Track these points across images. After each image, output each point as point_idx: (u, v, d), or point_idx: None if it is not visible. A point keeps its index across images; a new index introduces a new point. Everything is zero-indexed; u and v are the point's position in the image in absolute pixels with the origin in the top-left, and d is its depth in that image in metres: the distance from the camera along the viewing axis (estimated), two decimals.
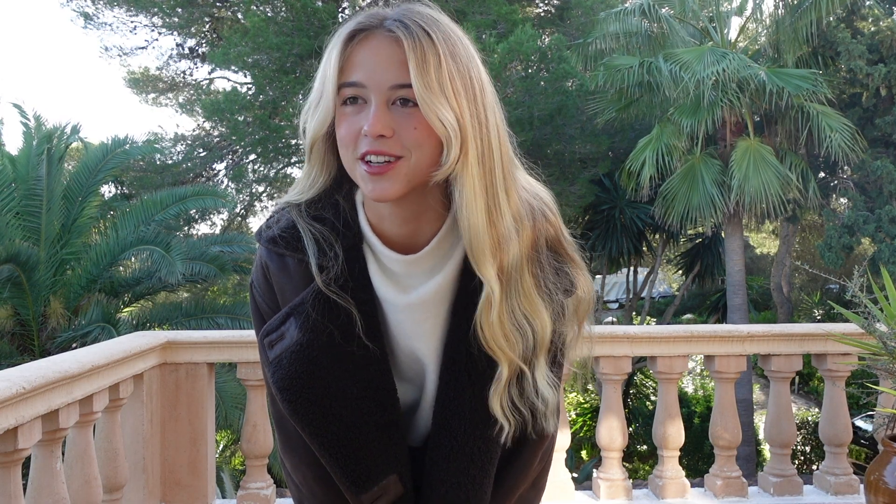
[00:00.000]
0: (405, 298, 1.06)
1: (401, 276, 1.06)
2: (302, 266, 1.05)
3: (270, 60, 13.01)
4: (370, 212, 1.05)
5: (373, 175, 0.94)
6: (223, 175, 16.21)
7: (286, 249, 1.06)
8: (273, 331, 1.06)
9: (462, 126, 0.93)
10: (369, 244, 1.06)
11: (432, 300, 1.05)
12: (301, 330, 1.03)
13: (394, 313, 1.07)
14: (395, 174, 0.94)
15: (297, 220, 1.06)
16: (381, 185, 0.95)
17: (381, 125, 0.92)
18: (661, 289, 25.66)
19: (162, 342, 3.14)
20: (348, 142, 0.96)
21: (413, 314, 1.07)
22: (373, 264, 1.06)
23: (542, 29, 14.60)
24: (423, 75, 0.91)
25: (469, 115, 0.94)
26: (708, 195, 11.89)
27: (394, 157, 0.94)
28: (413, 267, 1.05)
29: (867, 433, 11.51)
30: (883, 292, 2.86)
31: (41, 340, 7.89)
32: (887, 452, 2.59)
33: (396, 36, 0.94)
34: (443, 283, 1.05)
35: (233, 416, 8.02)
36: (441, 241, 1.04)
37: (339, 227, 1.05)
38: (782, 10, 12.51)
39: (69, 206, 8.61)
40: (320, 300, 1.03)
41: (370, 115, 0.93)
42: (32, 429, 2.16)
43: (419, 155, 0.94)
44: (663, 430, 3.40)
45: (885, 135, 13.26)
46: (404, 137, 0.93)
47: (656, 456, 3.48)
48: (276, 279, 1.09)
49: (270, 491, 3.25)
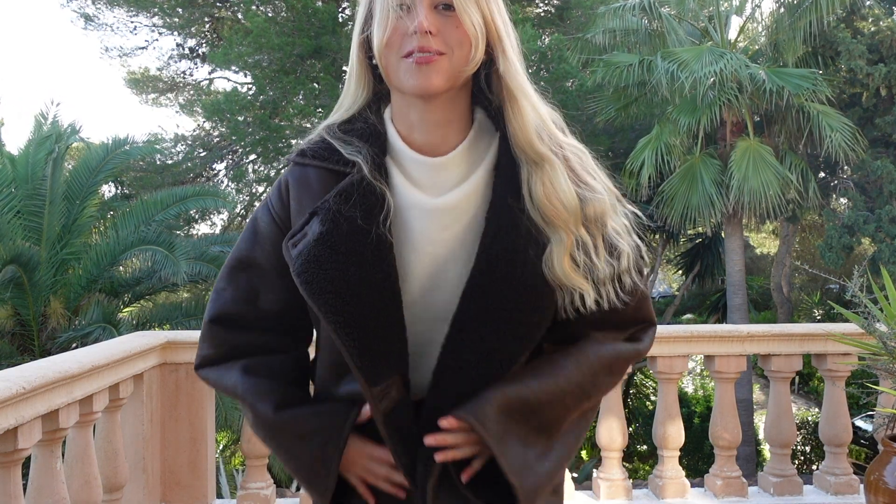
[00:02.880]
0: (433, 201, 1.11)
1: (427, 181, 1.12)
2: (323, 175, 1.14)
3: (271, 60, 13.02)
4: (399, 123, 1.14)
5: (420, 65, 1.05)
6: (223, 175, 16.22)
7: (312, 160, 1.15)
8: (297, 233, 1.12)
9: (490, 28, 1.08)
10: (397, 152, 1.14)
11: (461, 206, 1.10)
12: (322, 223, 1.09)
13: (419, 219, 1.11)
14: (439, 67, 1.06)
15: (324, 134, 1.16)
16: (427, 76, 1.05)
17: (428, 22, 1.04)
18: (661, 289, 25.66)
19: (162, 342, 3.14)
20: (394, 42, 1.07)
21: (440, 219, 1.11)
22: (397, 173, 1.13)
23: (542, 29, 14.60)
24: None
25: (500, 20, 1.10)
26: (707, 195, 11.88)
27: (437, 54, 1.05)
28: (441, 171, 1.11)
29: (867, 433, 11.50)
30: (883, 292, 2.86)
31: (41, 340, 7.89)
32: (887, 452, 2.59)
33: None
34: (471, 192, 1.11)
35: (233, 416, 8.02)
36: (468, 149, 1.13)
37: (368, 135, 1.14)
38: (782, 9, 12.50)
39: (70, 206, 8.61)
40: (342, 195, 1.10)
41: (419, 15, 1.04)
42: (32, 429, 2.16)
43: (459, 53, 1.07)
44: (663, 430, 3.40)
45: (885, 135, 13.26)
46: (447, 36, 1.06)
47: (656, 456, 3.48)
48: (293, 194, 1.16)
49: (270, 491, 3.25)
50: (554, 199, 1.07)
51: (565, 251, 1.06)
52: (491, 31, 1.08)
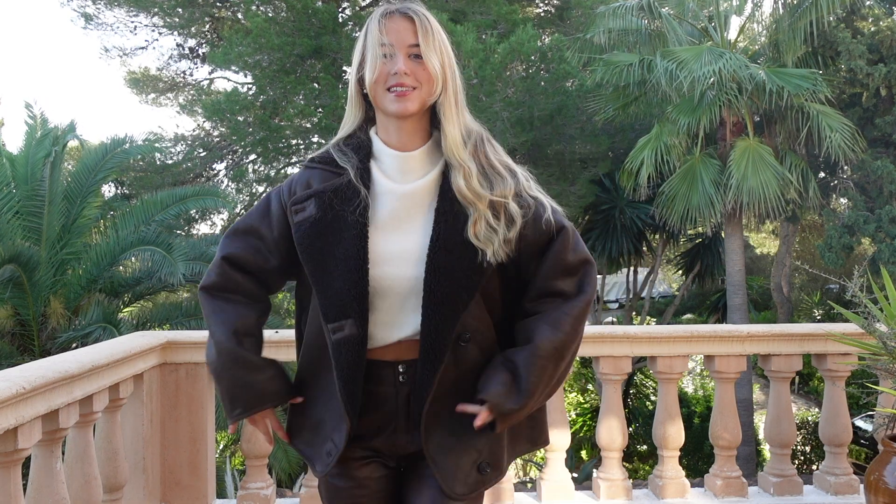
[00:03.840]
0: (402, 187, 1.56)
1: (398, 173, 1.57)
2: (325, 175, 1.59)
3: (271, 61, 13.01)
4: (382, 133, 1.60)
5: (399, 97, 1.51)
6: (223, 175, 16.20)
7: (318, 164, 1.62)
8: (298, 202, 1.58)
9: (443, 71, 1.53)
10: (378, 153, 1.59)
11: (421, 192, 1.56)
12: (318, 209, 1.56)
13: (392, 201, 1.55)
14: (413, 97, 1.52)
15: (330, 147, 1.63)
16: (404, 104, 1.51)
17: (405, 67, 1.50)
18: (661, 289, 25.65)
19: (162, 342, 3.14)
20: (381, 79, 1.52)
21: (407, 202, 1.56)
22: (377, 171, 1.58)
23: (542, 29, 14.60)
24: (425, 40, 1.51)
25: (448, 66, 1.55)
26: (707, 195, 11.87)
27: (411, 88, 1.51)
28: (408, 162, 1.57)
29: (867, 433, 11.51)
30: (883, 292, 2.86)
31: (41, 340, 7.89)
32: (887, 452, 2.59)
33: (410, 17, 1.53)
34: (428, 182, 1.56)
35: None
36: (427, 151, 1.59)
37: (358, 147, 1.60)
38: (782, 9, 12.50)
39: (69, 206, 8.60)
40: (336, 190, 1.55)
41: (399, 62, 1.50)
42: (32, 429, 2.16)
43: (427, 87, 1.52)
44: (663, 430, 3.40)
45: (885, 135, 13.25)
46: (418, 75, 1.52)
47: (656, 456, 3.48)
48: (297, 188, 1.61)
49: (270, 491, 3.25)
50: (463, 189, 1.52)
51: (475, 222, 1.51)
52: (445, 72, 1.54)
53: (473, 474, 1.55)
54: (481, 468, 1.56)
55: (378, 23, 1.53)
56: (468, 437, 1.54)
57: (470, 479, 1.55)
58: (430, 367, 1.50)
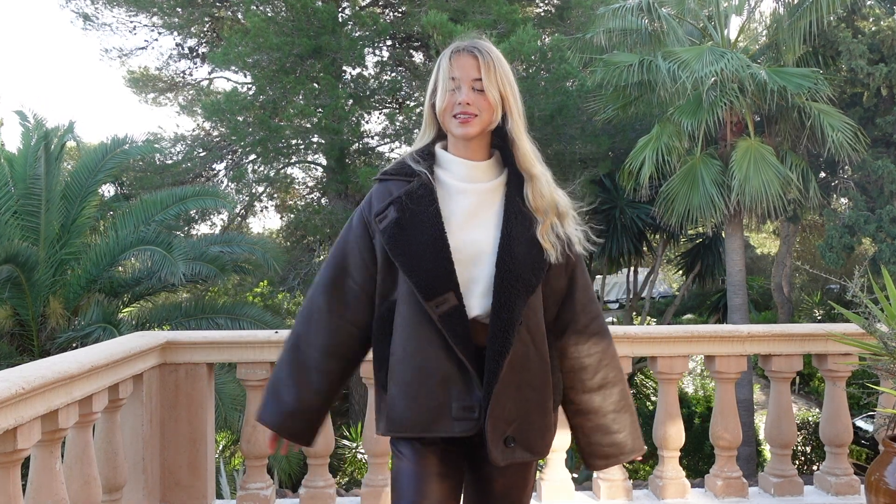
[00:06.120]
0: (471, 186, 1.84)
1: (466, 177, 1.85)
2: (399, 184, 1.85)
3: (271, 60, 13.00)
4: (452, 149, 1.89)
5: (463, 122, 1.80)
6: (223, 175, 16.19)
7: (393, 175, 1.88)
8: (381, 212, 1.83)
9: (505, 101, 1.83)
10: (448, 162, 1.87)
11: (488, 194, 1.84)
12: (397, 211, 1.80)
13: (463, 199, 1.82)
14: (474, 123, 1.80)
15: (405, 158, 1.91)
16: (466, 129, 1.80)
17: (468, 97, 1.79)
18: (661, 289, 25.66)
19: (161, 342, 3.14)
20: (448, 107, 1.81)
21: (476, 199, 1.83)
22: (447, 175, 1.85)
23: (542, 29, 14.59)
24: (487, 75, 1.80)
25: (510, 95, 1.84)
26: (708, 195, 11.87)
27: (472, 115, 1.80)
28: (475, 170, 1.85)
29: (868, 433, 11.50)
30: (884, 292, 2.86)
31: (41, 341, 7.88)
32: (888, 453, 2.59)
33: (474, 54, 1.82)
34: (494, 185, 1.85)
35: (232, 416, 8.01)
36: (492, 163, 1.88)
37: (428, 156, 1.89)
38: (782, 9, 12.49)
39: (69, 206, 8.59)
40: (409, 193, 1.81)
41: (463, 94, 1.79)
42: (32, 429, 2.16)
43: (486, 115, 1.81)
44: (663, 430, 3.39)
45: (885, 134, 13.25)
46: (479, 104, 1.80)
47: (656, 456, 3.47)
48: (375, 201, 1.86)
49: (270, 491, 3.24)
50: (538, 199, 1.83)
51: (544, 227, 1.81)
52: (505, 101, 1.83)
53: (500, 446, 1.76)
54: (507, 441, 1.75)
55: (449, 59, 1.83)
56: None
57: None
58: (498, 348, 1.72)
